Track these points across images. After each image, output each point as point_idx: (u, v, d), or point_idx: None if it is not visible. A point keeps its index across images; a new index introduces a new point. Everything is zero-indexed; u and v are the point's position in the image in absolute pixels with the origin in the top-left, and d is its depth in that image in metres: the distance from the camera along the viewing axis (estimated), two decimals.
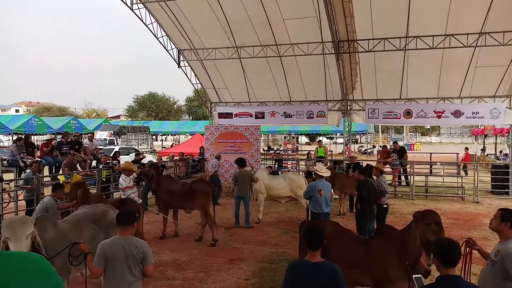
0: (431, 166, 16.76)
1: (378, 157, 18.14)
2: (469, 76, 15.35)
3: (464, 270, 4.15)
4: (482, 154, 27.95)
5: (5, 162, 10.79)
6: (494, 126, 22.92)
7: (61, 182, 10.32)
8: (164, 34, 17.15)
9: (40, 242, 4.16)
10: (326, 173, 8.13)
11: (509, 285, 3.50)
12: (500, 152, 26.00)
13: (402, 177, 16.43)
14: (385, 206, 8.20)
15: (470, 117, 15.73)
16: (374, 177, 8.23)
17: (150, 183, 9.56)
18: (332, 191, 10.80)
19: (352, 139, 21.96)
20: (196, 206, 9.05)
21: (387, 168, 15.21)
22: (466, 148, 21.21)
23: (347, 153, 17.81)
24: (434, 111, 16.01)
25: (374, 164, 9.84)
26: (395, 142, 18.78)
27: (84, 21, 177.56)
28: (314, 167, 8.46)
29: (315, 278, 3.33)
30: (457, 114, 15.66)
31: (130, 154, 15.32)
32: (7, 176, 10.72)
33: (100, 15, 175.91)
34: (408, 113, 16.29)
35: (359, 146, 39.31)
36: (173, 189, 9.23)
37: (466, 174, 17.14)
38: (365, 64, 15.85)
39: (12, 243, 3.82)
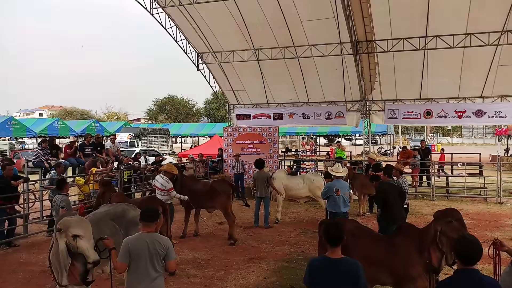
0: (452, 167, 16.48)
1: (398, 158, 17.95)
2: (491, 75, 15.10)
3: (494, 272, 4.04)
4: (506, 155, 27.31)
5: (30, 163, 11.13)
6: None
7: (81, 183, 10.64)
8: (183, 37, 17.41)
9: None
10: (343, 172, 8.12)
11: None
12: None
13: (424, 178, 16.19)
14: (406, 206, 8.13)
15: (493, 117, 15.45)
16: (394, 178, 8.17)
17: (174, 184, 9.72)
18: (351, 191, 10.79)
19: (371, 140, 21.79)
20: (217, 206, 9.16)
21: (407, 169, 15.04)
22: (442, 149, 20.84)
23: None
24: (455, 111, 15.79)
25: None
26: (422, 141, 18.53)
27: (105, 26, 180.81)
28: (331, 167, 8.45)
29: (336, 273, 3.36)
30: (479, 113, 15.39)
31: (141, 157, 15.49)
32: (32, 177, 11.04)
33: (121, 21, 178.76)
34: (428, 113, 16.09)
35: (379, 147, 38.89)
36: (195, 189, 9.35)
37: (444, 173, 16.63)
38: (384, 64, 15.75)
39: (85, 241, 4.24)
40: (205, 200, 9.23)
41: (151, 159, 16.66)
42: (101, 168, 11.83)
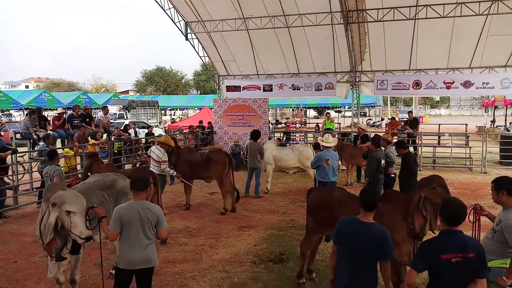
0: (439, 137, 16.71)
1: (386, 129, 18.12)
2: (480, 45, 15.13)
3: (473, 236, 4.17)
4: (492, 126, 27.71)
5: (18, 135, 11.03)
6: (504, 97, 22.67)
7: (70, 155, 10.62)
8: (171, 6, 17.03)
9: None
10: (333, 142, 8.22)
11: (509, 251, 3.56)
12: (510, 123, 25.77)
13: (411, 148, 16.37)
14: (393, 175, 8.28)
15: (480, 88, 15.60)
16: (382, 148, 8.29)
17: (169, 155, 9.72)
18: (340, 162, 10.94)
19: (360, 112, 21.88)
20: (213, 175, 9.19)
21: (395, 139, 15.17)
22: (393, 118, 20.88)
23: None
24: (443, 82, 15.89)
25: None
26: (410, 112, 18.69)
27: None
28: (321, 138, 8.55)
29: (361, 235, 3.47)
30: (467, 84, 15.51)
31: (131, 129, 15.28)
32: (21, 149, 10.96)
33: None
34: (417, 84, 16.17)
35: (368, 119, 39.14)
36: (192, 160, 9.37)
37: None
38: (374, 34, 15.68)
39: (79, 216, 4.26)
40: (202, 170, 9.26)
41: (142, 131, 16.59)
42: (89, 139, 11.78)
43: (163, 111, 43.34)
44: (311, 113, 51.26)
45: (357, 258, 3.46)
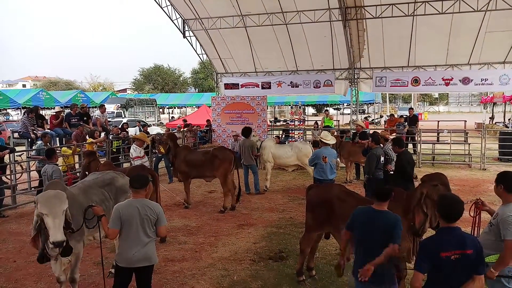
0: (438, 134, 16.69)
1: (385, 126, 18.10)
2: (479, 41, 15.12)
3: (473, 232, 4.16)
4: (491, 122, 27.73)
5: (16, 134, 10.99)
6: (503, 93, 22.67)
7: (69, 154, 10.58)
8: (168, 3, 16.96)
9: (69, 215, 4.33)
10: (332, 140, 8.20)
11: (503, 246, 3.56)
12: (509, 119, 25.77)
13: (410, 145, 16.36)
14: (392, 172, 8.24)
15: (479, 84, 15.59)
16: (381, 145, 8.26)
17: (167, 154, 9.66)
18: (338, 159, 10.92)
19: (359, 109, 21.88)
20: (218, 174, 9.04)
21: (393, 136, 15.16)
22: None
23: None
24: (442, 78, 15.87)
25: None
26: (411, 109, 18.63)
27: None
28: (320, 135, 8.51)
29: (373, 222, 3.66)
30: (465, 81, 15.49)
31: (135, 127, 15.37)
32: (18, 148, 10.92)
33: None
34: (416, 81, 16.15)
35: (367, 116, 39.11)
36: (192, 159, 9.25)
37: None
38: (372, 31, 15.64)
39: (50, 219, 4.04)
40: (205, 169, 9.13)
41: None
42: (87, 137, 11.74)
43: (161, 110, 43.32)
44: (310, 110, 51.22)
45: (372, 244, 3.62)
